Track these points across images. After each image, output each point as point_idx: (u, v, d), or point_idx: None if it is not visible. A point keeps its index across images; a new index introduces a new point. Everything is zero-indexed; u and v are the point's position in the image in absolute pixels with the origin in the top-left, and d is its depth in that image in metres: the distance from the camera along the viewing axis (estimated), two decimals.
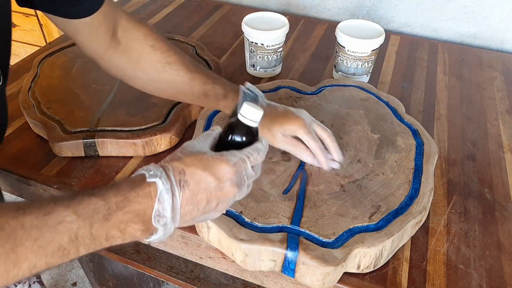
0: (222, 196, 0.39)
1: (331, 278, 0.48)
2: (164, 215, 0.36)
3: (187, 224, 0.39)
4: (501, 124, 0.75)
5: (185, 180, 0.37)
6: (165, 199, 0.36)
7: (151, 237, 0.37)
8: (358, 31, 0.78)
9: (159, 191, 0.36)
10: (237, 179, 0.40)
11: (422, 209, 0.53)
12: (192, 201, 0.38)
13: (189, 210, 0.38)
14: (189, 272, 0.74)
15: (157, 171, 0.36)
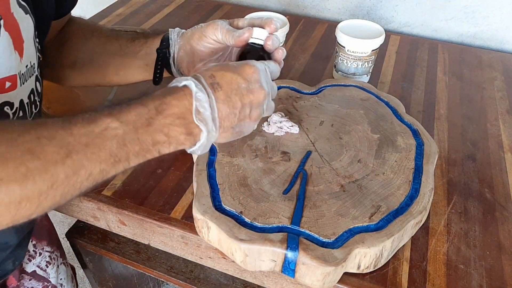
0: (254, 99, 0.40)
1: (331, 278, 0.48)
2: (204, 113, 0.36)
3: (225, 134, 0.39)
4: (501, 124, 0.75)
5: (216, 82, 0.38)
6: (201, 97, 0.36)
7: (196, 144, 0.37)
8: (358, 31, 0.78)
9: (194, 91, 0.36)
10: (264, 81, 0.41)
11: (422, 209, 0.53)
12: (228, 103, 0.38)
13: (226, 114, 0.38)
14: (189, 272, 0.74)
15: (187, 79, 0.37)
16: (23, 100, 0.43)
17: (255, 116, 0.41)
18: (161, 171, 0.63)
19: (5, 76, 0.39)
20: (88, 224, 0.66)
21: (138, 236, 0.61)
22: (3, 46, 0.38)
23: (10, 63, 0.40)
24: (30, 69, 0.44)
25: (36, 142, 0.30)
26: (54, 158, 0.30)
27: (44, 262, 0.65)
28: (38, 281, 0.64)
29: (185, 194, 0.59)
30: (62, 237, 1.62)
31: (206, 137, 0.37)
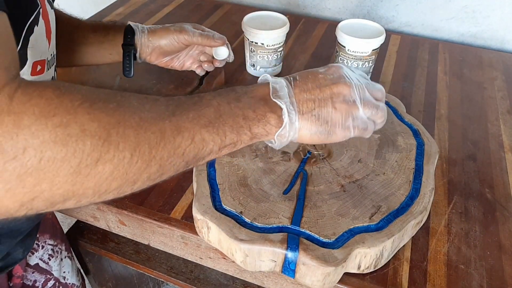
0: (334, 88, 0.39)
1: (331, 278, 0.48)
2: (280, 92, 0.38)
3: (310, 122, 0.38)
4: (502, 124, 0.75)
5: (294, 77, 0.40)
6: (278, 83, 0.39)
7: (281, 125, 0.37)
8: (359, 30, 0.78)
9: (271, 82, 0.39)
10: (346, 73, 0.40)
11: (422, 209, 0.53)
12: (303, 87, 0.39)
13: (304, 99, 0.38)
14: (189, 272, 0.73)
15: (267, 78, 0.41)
16: None
17: (342, 107, 0.39)
18: None
19: (38, 60, 0.43)
20: (88, 224, 0.66)
21: (138, 236, 0.60)
22: (40, 32, 0.43)
23: (43, 49, 0.44)
24: (53, 58, 0.49)
25: (144, 100, 0.31)
26: (162, 114, 0.31)
27: (46, 255, 0.65)
28: (41, 274, 0.64)
29: (185, 194, 0.59)
30: None
31: (287, 116, 0.37)
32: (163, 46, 0.63)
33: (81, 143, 0.25)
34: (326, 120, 0.39)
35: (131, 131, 0.28)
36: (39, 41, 0.43)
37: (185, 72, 0.78)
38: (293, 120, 0.37)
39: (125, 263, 0.75)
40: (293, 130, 0.38)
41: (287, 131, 0.38)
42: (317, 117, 0.38)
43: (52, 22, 0.48)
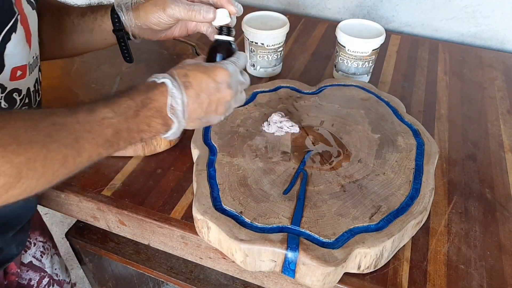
0: (220, 97, 0.46)
1: (331, 278, 0.48)
2: (176, 108, 0.43)
3: (193, 123, 0.47)
4: (502, 124, 0.75)
5: (188, 81, 0.44)
6: (176, 94, 0.43)
7: (168, 131, 0.45)
8: (359, 30, 0.78)
9: (170, 88, 0.43)
10: (231, 82, 0.47)
11: (422, 209, 0.53)
12: (197, 100, 0.45)
13: (194, 109, 0.45)
14: (189, 272, 0.73)
15: (164, 76, 0.44)
16: (29, 88, 0.48)
17: (221, 111, 0.48)
18: (161, 171, 0.63)
19: (18, 66, 0.44)
20: (88, 224, 0.66)
21: (138, 236, 0.61)
22: (19, 39, 0.43)
23: (23, 54, 0.45)
24: (35, 60, 0.49)
25: (52, 128, 0.35)
26: (66, 141, 0.36)
27: (38, 252, 0.65)
28: (35, 271, 0.64)
29: (185, 194, 0.59)
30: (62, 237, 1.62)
31: (177, 127, 0.45)
32: (153, 25, 0.57)
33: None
34: (207, 121, 0.48)
35: (39, 164, 0.34)
36: (19, 47, 0.43)
37: None
38: (181, 127, 0.45)
39: (125, 263, 0.75)
40: (179, 132, 0.46)
41: (175, 133, 0.46)
42: (202, 120, 0.47)
43: (33, 24, 0.47)
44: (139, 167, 0.63)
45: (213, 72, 0.46)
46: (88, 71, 0.78)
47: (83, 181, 0.60)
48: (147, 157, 0.65)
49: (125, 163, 0.64)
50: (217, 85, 0.46)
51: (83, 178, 0.61)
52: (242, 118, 0.67)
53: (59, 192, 0.60)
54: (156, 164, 0.64)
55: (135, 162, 0.64)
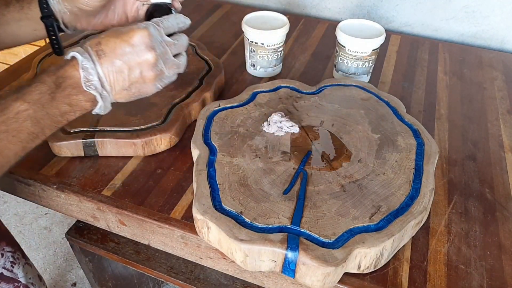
0: (142, 62, 0.42)
1: (331, 278, 0.48)
2: (92, 80, 0.40)
3: (120, 95, 0.43)
4: (502, 124, 0.75)
5: (101, 49, 0.41)
6: (87, 66, 0.40)
7: (95, 106, 0.42)
8: (359, 30, 0.78)
9: (80, 61, 0.39)
10: (151, 43, 0.43)
11: (422, 209, 0.53)
12: (114, 69, 0.41)
13: (115, 79, 0.41)
14: (189, 272, 0.73)
15: (74, 49, 0.41)
16: None
17: (149, 77, 0.44)
18: (161, 171, 0.63)
19: None
20: (88, 224, 0.66)
21: (138, 236, 0.61)
22: None
23: None
24: None
25: None
26: None
27: (8, 262, 0.63)
28: (7, 283, 0.62)
29: (185, 194, 0.59)
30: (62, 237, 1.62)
31: (101, 99, 0.41)
32: (83, 7, 0.53)
33: None
34: (138, 91, 0.44)
35: None
36: None
37: (185, 72, 0.78)
38: (108, 100, 0.42)
39: (125, 263, 0.75)
40: (108, 105, 0.43)
41: (103, 107, 0.43)
42: (132, 91, 0.43)
43: None
44: (139, 167, 0.63)
45: (127, 35, 0.42)
46: None
47: (83, 181, 0.60)
48: (147, 157, 0.65)
49: (125, 163, 0.64)
50: (133, 49, 0.42)
51: (83, 178, 0.61)
52: (242, 118, 0.67)
53: (59, 192, 0.60)
54: (156, 164, 0.64)
55: (135, 162, 0.64)
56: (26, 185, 0.62)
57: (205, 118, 0.67)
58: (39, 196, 0.63)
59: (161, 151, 0.66)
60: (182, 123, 0.68)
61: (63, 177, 0.61)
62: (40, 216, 1.63)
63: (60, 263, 1.44)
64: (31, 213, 1.64)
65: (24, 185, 0.62)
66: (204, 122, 0.66)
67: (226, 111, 0.68)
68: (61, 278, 1.39)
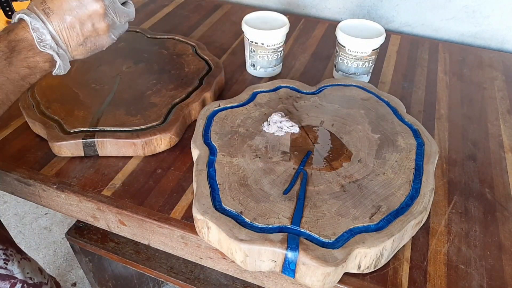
0: (92, 14, 0.42)
1: (331, 278, 0.48)
2: (45, 39, 0.39)
3: (78, 51, 0.43)
4: (502, 124, 0.75)
5: (47, 7, 0.40)
6: (38, 26, 0.39)
7: (55, 66, 0.42)
8: (359, 30, 0.78)
9: (29, 22, 0.39)
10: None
11: (422, 209, 0.53)
12: (65, 25, 0.41)
13: (68, 35, 0.41)
14: (189, 272, 0.73)
15: (20, 12, 0.40)
16: None
17: (102, 28, 0.43)
18: (160, 171, 0.63)
19: None
20: (88, 224, 0.66)
21: (138, 236, 0.61)
22: None
23: None
24: None
25: None
26: None
27: (1, 260, 0.63)
28: (3, 280, 0.61)
29: (185, 194, 0.59)
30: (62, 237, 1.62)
31: (59, 58, 0.41)
32: None
33: None
34: (94, 45, 0.44)
35: None
36: None
37: (185, 72, 0.78)
38: (66, 59, 0.41)
39: (125, 263, 0.75)
40: (67, 64, 0.43)
41: (62, 65, 0.42)
42: (88, 45, 0.43)
43: None
44: (139, 167, 0.63)
45: None
46: (88, 71, 0.78)
47: (83, 181, 0.60)
48: (147, 157, 0.65)
49: (125, 163, 0.64)
50: (80, 2, 0.42)
51: (83, 178, 0.61)
52: (242, 118, 0.67)
53: (59, 192, 0.60)
54: (156, 164, 0.64)
55: (135, 162, 0.64)
56: (26, 185, 0.62)
57: (205, 118, 0.67)
58: (39, 196, 0.63)
59: (161, 151, 0.66)
60: (182, 123, 0.68)
61: (63, 177, 0.61)
62: (40, 216, 1.63)
63: (60, 263, 1.44)
64: (31, 213, 1.64)
65: (24, 185, 0.62)
66: (204, 122, 0.66)
67: (226, 111, 0.68)
68: (61, 278, 1.39)
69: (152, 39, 0.89)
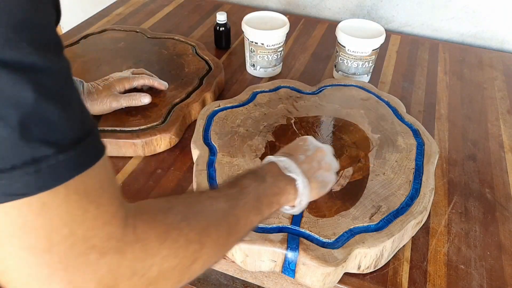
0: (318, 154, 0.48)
1: (331, 278, 0.48)
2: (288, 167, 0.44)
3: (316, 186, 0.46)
4: (502, 124, 0.75)
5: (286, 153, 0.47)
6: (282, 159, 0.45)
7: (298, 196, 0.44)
8: (359, 30, 0.78)
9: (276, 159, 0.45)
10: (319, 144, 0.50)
11: (422, 209, 0.53)
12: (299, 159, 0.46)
13: (305, 167, 0.46)
14: None
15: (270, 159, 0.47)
16: None
17: (326, 166, 0.48)
18: (161, 171, 0.63)
19: None
20: None
21: None
22: None
23: None
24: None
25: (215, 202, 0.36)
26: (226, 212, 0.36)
27: None
28: None
29: None
30: None
31: (301, 183, 0.44)
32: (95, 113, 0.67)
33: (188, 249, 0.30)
34: (324, 181, 0.47)
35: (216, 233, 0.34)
36: None
37: (185, 72, 0.78)
38: (305, 185, 0.44)
39: None
40: (306, 194, 0.44)
41: (301, 196, 0.44)
42: (319, 179, 0.47)
43: None
44: (139, 167, 0.63)
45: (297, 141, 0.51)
46: (88, 71, 0.78)
47: None
48: (147, 157, 0.65)
49: (125, 163, 0.64)
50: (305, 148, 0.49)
51: None
52: (242, 118, 0.67)
53: None
54: (156, 164, 0.64)
55: (135, 162, 0.64)
56: None
57: (205, 118, 0.67)
58: None
59: (161, 151, 0.66)
60: (182, 123, 0.68)
61: None
62: None
63: None
64: None
65: None
66: (204, 122, 0.66)
67: (226, 111, 0.68)
68: None
69: (152, 39, 0.89)
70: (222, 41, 0.92)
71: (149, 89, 0.72)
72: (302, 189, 0.44)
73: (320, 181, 0.47)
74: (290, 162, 0.45)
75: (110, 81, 0.68)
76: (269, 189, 0.42)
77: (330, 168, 0.49)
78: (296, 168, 0.45)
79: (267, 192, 0.42)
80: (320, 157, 0.48)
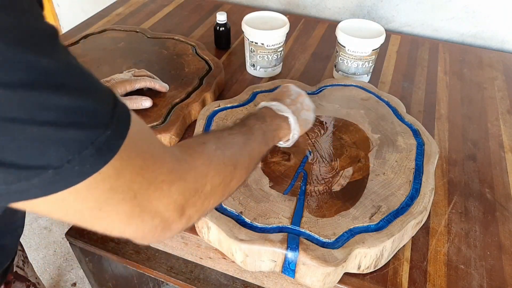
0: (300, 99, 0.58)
1: (331, 278, 0.48)
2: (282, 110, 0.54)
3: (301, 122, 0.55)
4: (502, 124, 0.75)
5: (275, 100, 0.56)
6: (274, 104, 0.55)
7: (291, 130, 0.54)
8: (359, 30, 0.78)
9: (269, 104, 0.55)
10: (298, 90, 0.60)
11: (422, 209, 0.53)
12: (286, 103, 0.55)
13: (293, 109, 0.55)
14: (189, 272, 0.73)
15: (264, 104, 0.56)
16: None
17: (307, 107, 0.58)
18: None
19: None
20: None
21: None
22: None
23: None
24: None
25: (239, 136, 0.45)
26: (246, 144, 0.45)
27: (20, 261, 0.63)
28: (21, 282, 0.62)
29: None
30: (62, 237, 1.62)
31: (292, 121, 0.53)
32: None
33: (226, 170, 0.39)
34: (306, 119, 0.57)
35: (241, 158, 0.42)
36: None
37: (185, 72, 0.78)
38: (295, 121, 0.54)
39: (125, 263, 0.75)
40: (296, 129, 0.54)
41: (293, 130, 0.54)
42: (302, 117, 0.56)
43: None
44: None
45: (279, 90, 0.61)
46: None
47: None
48: None
49: None
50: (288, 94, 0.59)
51: None
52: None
53: None
54: None
55: None
56: None
57: (205, 118, 0.67)
58: None
59: None
60: (182, 123, 0.68)
61: None
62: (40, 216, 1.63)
63: (60, 263, 1.44)
64: (31, 213, 1.64)
65: None
66: (204, 122, 0.66)
67: (226, 111, 0.68)
68: (61, 278, 1.39)
69: (152, 39, 0.89)
70: (222, 41, 0.92)
71: (149, 89, 0.72)
72: (293, 124, 0.54)
73: (304, 119, 0.57)
74: (280, 105, 0.55)
75: (112, 83, 0.68)
76: (270, 126, 0.51)
77: (310, 108, 0.59)
78: (287, 109, 0.54)
79: (269, 128, 0.51)
80: (302, 100, 0.58)
